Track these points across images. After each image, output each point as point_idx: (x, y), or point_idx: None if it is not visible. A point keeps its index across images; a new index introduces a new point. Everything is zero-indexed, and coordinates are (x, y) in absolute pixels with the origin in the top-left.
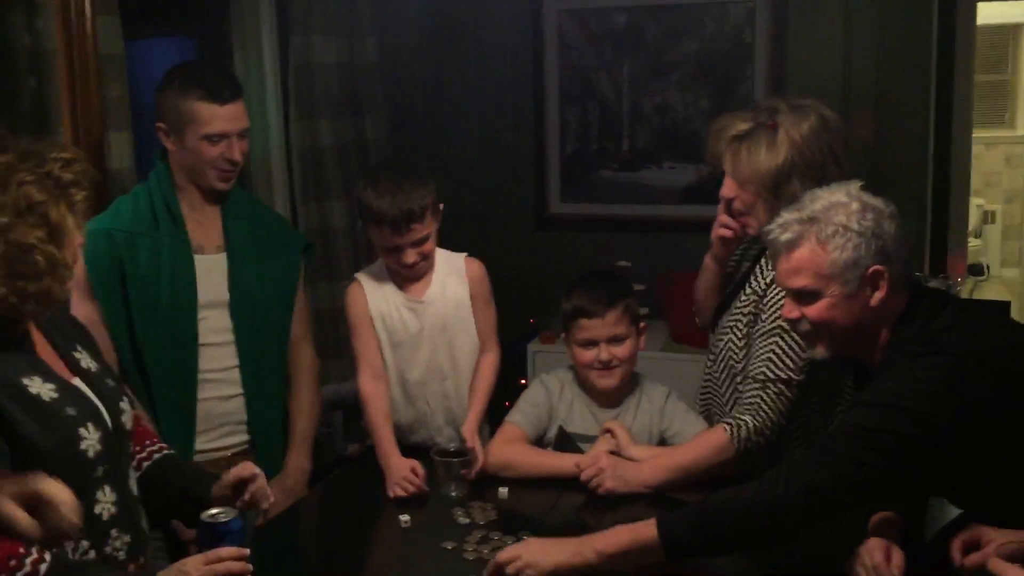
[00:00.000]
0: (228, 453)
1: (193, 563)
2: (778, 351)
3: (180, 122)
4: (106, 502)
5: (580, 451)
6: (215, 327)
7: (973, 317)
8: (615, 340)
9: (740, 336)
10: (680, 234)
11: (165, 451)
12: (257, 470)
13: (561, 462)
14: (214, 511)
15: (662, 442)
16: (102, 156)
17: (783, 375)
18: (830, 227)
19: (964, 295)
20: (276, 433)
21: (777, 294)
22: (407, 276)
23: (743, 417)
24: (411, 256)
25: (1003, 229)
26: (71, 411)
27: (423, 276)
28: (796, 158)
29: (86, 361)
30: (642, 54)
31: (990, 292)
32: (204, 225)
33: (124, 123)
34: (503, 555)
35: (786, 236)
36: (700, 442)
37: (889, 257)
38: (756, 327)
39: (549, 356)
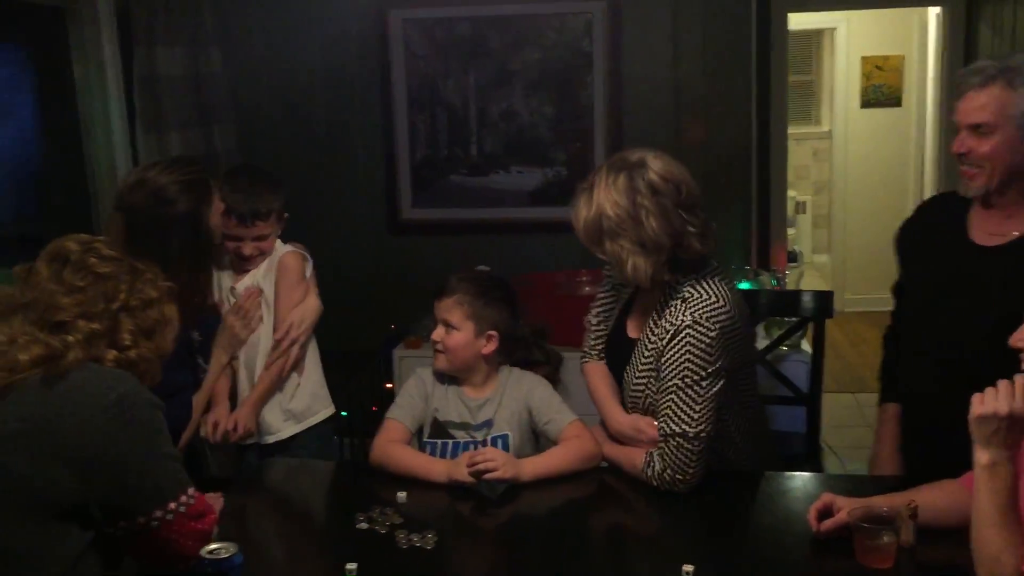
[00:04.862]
0: None
1: None
2: (674, 407)
3: None
4: None
5: (453, 438)
6: None
7: None
8: (446, 325)
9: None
10: (529, 235)
11: None
12: None
13: (430, 467)
14: (213, 546)
15: (534, 430)
16: None
17: (678, 429)
18: (1021, 77)
19: (790, 283)
20: None
21: (676, 351)
22: (240, 265)
23: (655, 460)
24: (248, 248)
25: (813, 219)
26: None
27: (256, 266)
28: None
29: None
30: (487, 62)
31: (806, 277)
32: None
33: None
34: None
35: (978, 77)
36: (629, 452)
37: None
38: (659, 382)
39: (414, 361)
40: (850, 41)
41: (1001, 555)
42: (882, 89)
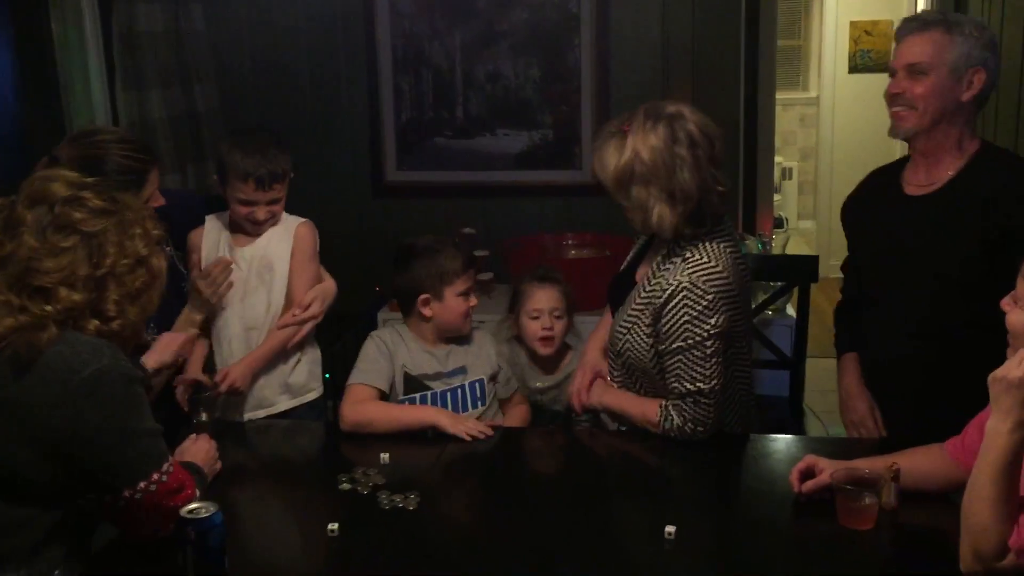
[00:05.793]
0: None
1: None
2: (683, 368)
3: None
4: None
5: (428, 388)
6: None
7: None
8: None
9: (645, 335)
10: (515, 198)
11: None
12: None
13: (420, 413)
14: (193, 506)
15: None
16: None
17: (693, 387)
18: (959, 27)
19: (776, 248)
20: None
21: (674, 314)
22: (251, 229)
23: (672, 414)
24: (263, 213)
25: (799, 185)
26: None
27: (264, 232)
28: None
29: None
30: (473, 23)
31: (792, 243)
32: None
33: None
34: None
35: (918, 23)
36: (641, 404)
37: (988, 68)
38: (660, 343)
39: (399, 323)
40: (839, 6)
41: (990, 528)
42: (870, 55)
